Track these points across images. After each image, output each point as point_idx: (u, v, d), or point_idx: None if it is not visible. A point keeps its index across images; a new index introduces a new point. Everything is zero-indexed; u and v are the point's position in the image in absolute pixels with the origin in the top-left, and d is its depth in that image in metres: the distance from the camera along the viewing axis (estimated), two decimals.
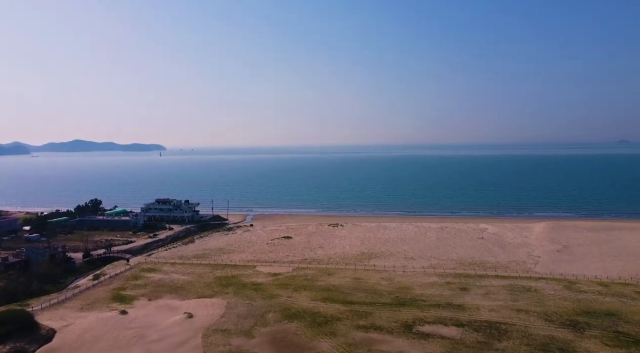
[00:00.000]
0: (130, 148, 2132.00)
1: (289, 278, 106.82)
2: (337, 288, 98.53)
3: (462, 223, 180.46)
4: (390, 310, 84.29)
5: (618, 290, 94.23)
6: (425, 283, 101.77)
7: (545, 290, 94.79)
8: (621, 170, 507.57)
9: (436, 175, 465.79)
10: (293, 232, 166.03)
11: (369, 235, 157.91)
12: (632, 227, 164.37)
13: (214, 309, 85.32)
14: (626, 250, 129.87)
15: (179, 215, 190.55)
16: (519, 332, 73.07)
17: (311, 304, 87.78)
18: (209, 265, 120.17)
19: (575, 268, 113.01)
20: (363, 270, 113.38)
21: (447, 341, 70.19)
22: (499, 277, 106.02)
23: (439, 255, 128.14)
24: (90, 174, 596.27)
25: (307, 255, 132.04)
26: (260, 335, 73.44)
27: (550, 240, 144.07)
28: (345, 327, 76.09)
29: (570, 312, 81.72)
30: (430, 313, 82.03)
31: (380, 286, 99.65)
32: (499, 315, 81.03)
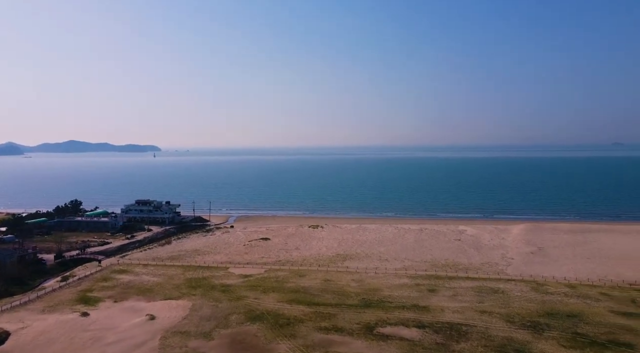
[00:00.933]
0: (125, 149, 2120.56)
1: (259, 280, 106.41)
2: (306, 289, 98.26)
3: (442, 225, 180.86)
4: (355, 311, 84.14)
5: (584, 292, 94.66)
6: (395, 284, 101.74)
7: (512, 292, 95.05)
8: (611, 172, 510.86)
9: (427, 178, 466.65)
10: (272, 234, 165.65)
11: (347, 237, 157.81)
12: (610, 229, 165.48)
13: (177, 311, 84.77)
14: (600, 253, 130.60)
15: (159, 216, 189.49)
16: (478, 334, 73.18)
17: (276, 306, 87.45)
18: (181, 267, 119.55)
19: (547, 270, 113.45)
20: (335, 272, 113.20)
21: (405, 343, 70.12)
22: (469, 278, 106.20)
23: (413, 257, 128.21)
24: (80, 174, 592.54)
25: (282, 256, 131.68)
26: (220, 336, 73.05)
27: (526, 242, 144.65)
28: (307, 329, 75.84)
29: (533, 314, 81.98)
30: (394, 315, 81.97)
31: (349, 288, 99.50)
32: (462, 316, 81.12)
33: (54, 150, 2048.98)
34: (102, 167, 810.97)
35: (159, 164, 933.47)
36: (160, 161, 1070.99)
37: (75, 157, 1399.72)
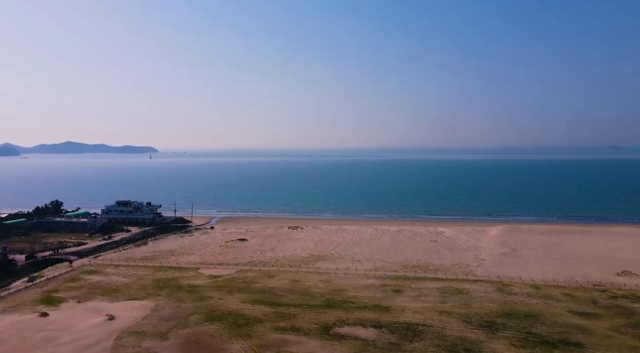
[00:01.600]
0: (122, 150, 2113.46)
1: (227, 281, 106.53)
2: (272, 290, 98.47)
3: (422, 226, 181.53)
4: (316, 312, 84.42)
5: (547, 293, 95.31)
6: (362, 285, 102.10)
7: (476, 293, 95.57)
8: (603, 175, 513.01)
9: (418, 180, 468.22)
10: (250, 235, 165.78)
11: (325, 238, 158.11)
12: (586, 230, 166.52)
13: (138, 311, 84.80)
14: (571, 254, 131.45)
15: (139, 217, 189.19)
16: (433, 333, 73.61)
17: (239, 306, 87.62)
18: (152, 268, 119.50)
19: (516, 271, 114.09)
20: (305, 273, 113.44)
21: (359, 342, 70.45)
22: (436, 279, 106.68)
23: (385, 258, 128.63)
24: (72, 175, 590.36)
25: (255, 257, 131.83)
26: (176, 337, 73.16)
27: (501, 244, 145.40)
28: (264, 329, 76.05)
29: (492, 314, 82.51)
30: (354, 315, 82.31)
31: (315, 288, 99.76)
32: (421, 316, 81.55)
33: (51, 151, 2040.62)
34: (96, 168, 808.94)
35: (153, 165, 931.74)
36: (156, 162, 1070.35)
37: (71, 158, 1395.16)
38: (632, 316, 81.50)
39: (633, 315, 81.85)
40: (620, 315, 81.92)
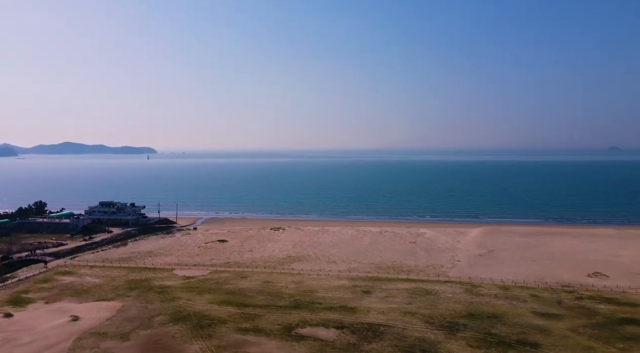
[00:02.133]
0: (121, 151, 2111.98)
1: (199, 282, 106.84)
2: (243, 291, 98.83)
3: (404, 227, 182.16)
4: (282, 312, 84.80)
5: (515, 293, 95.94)
6: (333, 286, 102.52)
7: (444, 294, 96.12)
8: (598, 177, 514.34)
9: (412, 181, 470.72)
10: (231, 236, 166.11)
11: (305, 239, 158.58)
12: (565, 232, 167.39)
13: (104, 312, 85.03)
14: (546, 255, 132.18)
15: (122, 218, 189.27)
16: (393, 334, 74.09)
17: (206, 307, 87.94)
18: (127, 268, 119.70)
19: (488, 272, 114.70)
20: (278, 274, 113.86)
21: (317, 343, 70.86)
22: (408, 280, 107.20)
23: (361, 259, 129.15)
24: (65, 176, 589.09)
25: (232, 258, 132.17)
26: (137, 337, 73.41)
27: (478, 245, 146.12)
28: (226, 330, 76.38)
29: (455, 315, 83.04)
30: (318, 316, 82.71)
31: (286, 289, 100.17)
32: (385, 317, 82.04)
33: (49, 151, 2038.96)
34: (91, 168, 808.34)
35: (150, 166, 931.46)
36: (153, 163, 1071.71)
37: (69, 159, 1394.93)
38: (594, 317, 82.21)
39: (595, 316, 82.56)
40: (582, 316, 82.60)
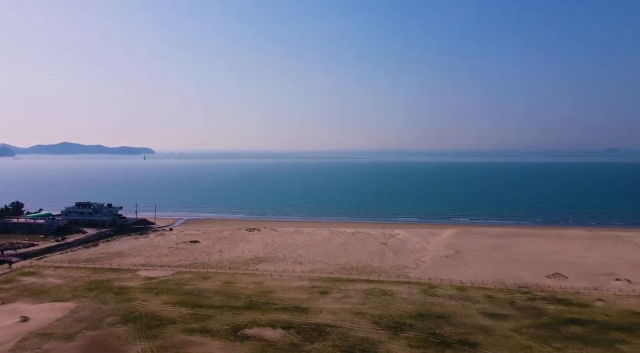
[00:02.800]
0: (118, 151, 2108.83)
1: (160, 282, 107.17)
2: (201, 292, 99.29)
3: (379, 228, 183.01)
4: (234, 313, 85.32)
5: (470, 294, 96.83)
6: (292, 287, 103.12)
7: (400, 294, 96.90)
8: (588, 178, 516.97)
9: (400, 182, 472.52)
10: (205, 237, 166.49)
11: (277, 240, 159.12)
12: (536, 233, 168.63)
13: (56, 313, 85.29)
14: (513, 256, 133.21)
15: (98, 218, 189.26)
16: (338, 334, 74.73)
17: (160, 308, 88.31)
18: (92, 269, 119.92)
19: (451, 273, 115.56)
20: (241, 275, 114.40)
21: (261, 343, 71.42)
22: (368, 281, 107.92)
23: (328, 260, 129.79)
24: (55, 177, 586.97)
25: (200, 259, 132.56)
26: (82, 338, 73.70)
27: (447, 246, 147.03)
28: (174, 330, 76.80)
29: (405, 315, 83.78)
30: (269, 316, 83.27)
31: (245, 290, 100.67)
32: (334, 317, 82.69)
33: (47, 151, 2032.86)
34: (84, 169, 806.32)
35: (146, 166, 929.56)
36: (149, 164, 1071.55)
37: (65, 159, 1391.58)
38: (541, 317, 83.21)
39: (542, 316, 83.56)
40: (529, 316, 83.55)
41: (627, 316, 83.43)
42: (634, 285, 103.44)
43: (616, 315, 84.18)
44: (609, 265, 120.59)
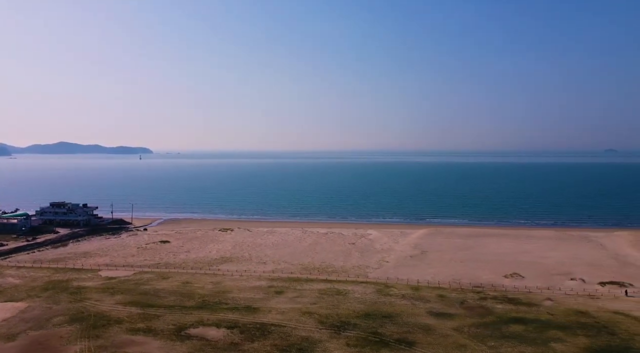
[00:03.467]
0: (116, 151, 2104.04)
1: (120, 282, 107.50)
2: (157, 292, 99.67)
3: (353, 228, 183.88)
4: (183, 312, 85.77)
5: (423, 294, 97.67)
6: (249, 287, 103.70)
7: (354, 294, 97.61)
8: (578, 179, 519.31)
9: (391, 182, 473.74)
10: (176, 237, 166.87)
11: (248, 241, 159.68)
12: (505, 233, 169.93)
13: (5, 313, 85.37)
14: (477, 256, 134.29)
15: (73, 218, 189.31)
16: (280, 333, 75.37)
17: (110, 308, 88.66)
18: (54, 269, 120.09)
19: (410, 273, 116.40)
20: (202, 275, 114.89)
21: (201, 343, 71.89)
22: (327, 281, 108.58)
23: (292, 260, 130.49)
24: (43, 176, 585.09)
25: (165, 259, 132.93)
26: (24, 338, 73.97)
27: (414, 246, 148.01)
28: (119, 330, 77.18)
29: (352, 314, 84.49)
30: (217, 316, 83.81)
31: (202, 290, 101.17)
32: (282, 317, 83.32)
33: (44, 151, 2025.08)
34: (79, 169, 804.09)
35: (140, 166, 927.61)
36: (144, 163, 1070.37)
37: (61, 159, 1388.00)
38: (487, 316, 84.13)
39: (488, 315, 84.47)
40: (475, 316, 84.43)
41: (571, 315, 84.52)
42: (587, 284, 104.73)
43: (561, 314, 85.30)
44: (567, 265, 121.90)
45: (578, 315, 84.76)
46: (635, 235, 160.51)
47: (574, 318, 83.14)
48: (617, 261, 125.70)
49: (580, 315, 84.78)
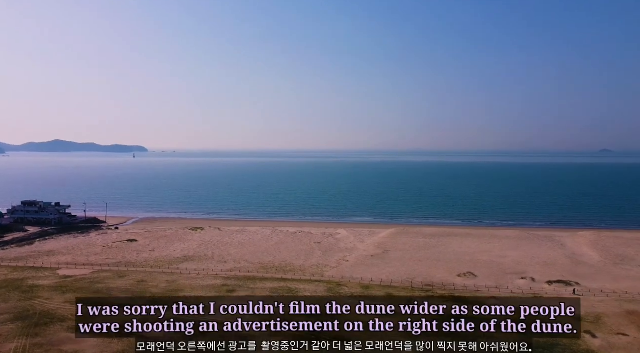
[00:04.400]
0: (111, 149, 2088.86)
1: (74, 281, 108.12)
2: (110, 290, 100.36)
3: (323, 228, 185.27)
4: None
5: (371, 292, 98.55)
6: (203, 285, 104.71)
7: (304, 292, 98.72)
8: (564, 179, 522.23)
9: (376, 182, 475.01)
10: (145, 235, 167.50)
11: (215, 240, 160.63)
12: (470, 233, 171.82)
13: None
14: (437, 256, 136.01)
15: (44, 217, 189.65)
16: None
17: (58, 306, 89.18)
18: (12, 268, 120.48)
19: (366, 272, 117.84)
20: (159, 273, 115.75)
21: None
22: (281, 279, 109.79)
23: (253, 259, 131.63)
24: (36, 175, 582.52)
25: (127, 257, 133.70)
26: None
27: (378, 246, 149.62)
28: (60, 328, 77.91)
29: None
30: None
31: (155, 289, 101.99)
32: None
33: (40, 149, 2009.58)
34: (69, 167, 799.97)
35: (133, 165, 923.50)
36: (137, 162, 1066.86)
37: (54, 157, 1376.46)
38: None
39: None
40: None
41: None
42: (535, 283, 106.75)
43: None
44: (523, 264, 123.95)
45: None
46: (597, 235, 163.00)
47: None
48: (571, 260, 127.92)
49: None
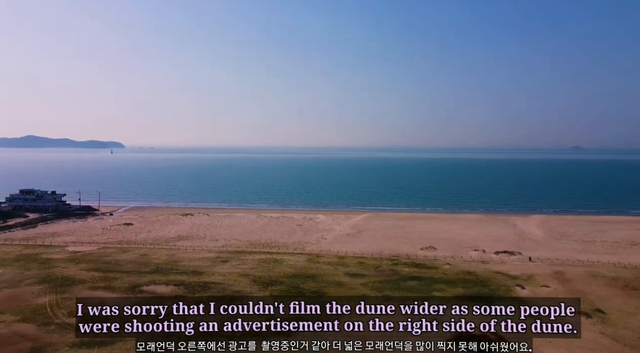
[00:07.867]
0: (87, 145, 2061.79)
1: (84, 255, 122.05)
2: (118, 262, 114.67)
3: (304, 213, 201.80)
4: (139, 276, 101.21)
5: (346, 261, 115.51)
6: (199, 257, 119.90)
7: (288, 262, 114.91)
8: (537, 174, 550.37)
9: (368, 176, 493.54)
10: (139, 220, 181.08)
11: (205, 223, 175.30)
12: (436, 217, 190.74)
13: None
14: (405, 234, 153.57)
15: (41, 204, 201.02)
16: (218, 288, 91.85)
17: (76, 272, 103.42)
18: (24, 245, 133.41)
19: (342, 247, 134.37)
20: (159, 249, 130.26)
21: (151, 295, 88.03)
22: (267, 252, 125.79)
23: (241, 238, 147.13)
24: (14, 168, 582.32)
25: (127, 237, 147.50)
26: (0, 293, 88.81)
27: (353, 227, 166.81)
28: (81, 288, 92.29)
29: (282, 275, 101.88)
30: (167, 278, 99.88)
31: (157, 260, 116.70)
32: (222, 278, 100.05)
33: (11, 145, 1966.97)
34: (45, 161, 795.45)
35: (111, 160, 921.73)
36: (115, 157, 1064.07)
37: (27, 153, 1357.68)
38: (393, 276, 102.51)
39: (394, 276, 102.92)
40: (383, 276, 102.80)
41: (460, 274, 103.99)
42: (485, 254, 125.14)
43: (452, 274, 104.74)
44: (477, 240, 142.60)
45: (465, 274, 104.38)
46: (546, 218, 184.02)
47: (461, 276, 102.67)
48: (519, 237, 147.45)
49: (467, 274, 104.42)
